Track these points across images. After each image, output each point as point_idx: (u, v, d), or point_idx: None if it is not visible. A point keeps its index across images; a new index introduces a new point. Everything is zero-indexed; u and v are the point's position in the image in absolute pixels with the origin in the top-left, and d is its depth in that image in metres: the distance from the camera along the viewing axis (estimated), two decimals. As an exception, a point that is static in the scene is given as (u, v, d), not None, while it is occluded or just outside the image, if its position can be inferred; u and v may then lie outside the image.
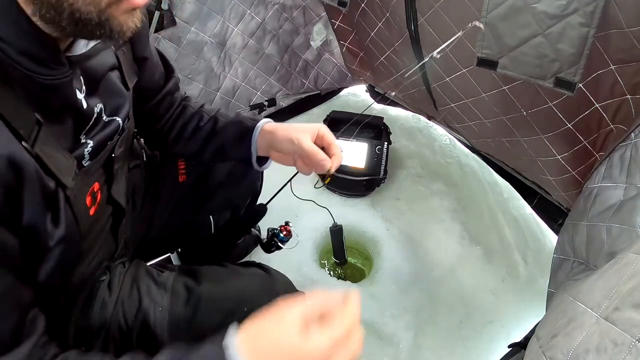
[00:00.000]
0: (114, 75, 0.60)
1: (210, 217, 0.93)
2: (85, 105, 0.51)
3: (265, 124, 0.76)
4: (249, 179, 0.94)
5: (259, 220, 0.93)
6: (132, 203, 0.79)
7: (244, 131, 0.77)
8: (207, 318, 0.65)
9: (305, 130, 0.70)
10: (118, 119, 0.60)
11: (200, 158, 0.84)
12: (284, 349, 0.41)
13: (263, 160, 0.80)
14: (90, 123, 0.54)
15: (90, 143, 0.55)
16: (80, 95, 0.50)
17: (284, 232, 0.96)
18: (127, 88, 0.62)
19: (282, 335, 0.41)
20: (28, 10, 0.39)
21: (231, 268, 0.78)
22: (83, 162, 0.54)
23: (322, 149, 0.71)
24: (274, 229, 0.97)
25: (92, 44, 0.49)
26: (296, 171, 0.77)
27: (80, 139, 0.53)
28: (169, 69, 0.78)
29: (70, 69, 0.46)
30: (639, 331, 0.41)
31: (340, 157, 0.70)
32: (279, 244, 0.96)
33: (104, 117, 0.57)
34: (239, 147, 0.78)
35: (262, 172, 0.98)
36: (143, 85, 0.70)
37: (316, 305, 0.44)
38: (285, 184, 0.82)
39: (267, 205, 0.93)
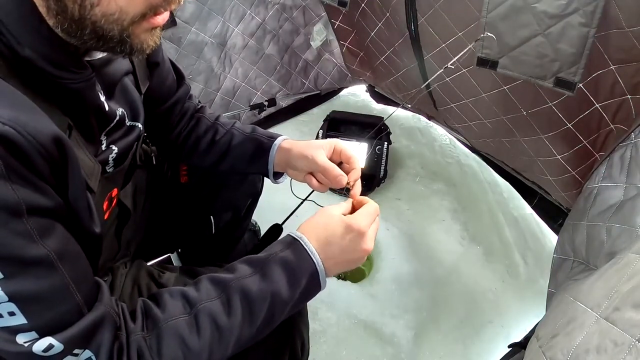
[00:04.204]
0: (129, 81, 0.61)
1: (211, 217, 0.93)
2: (107, 108, 0.52)
3: (282, 141, 0.76)
4: (250, 180, 0.94)
5: (276, 239, 0.92)
6: (134, 204, 0.79)
7: (261, 149, 0.77)
8: None
9: (319, 146, 0.70)
10: (139, 124, 0.61)
11: (216, 170, 0.84)
12: (334, 225, 0.57)
13: (278, 174, 0.80)
14: (113, 124, 0.54)
15: (115, 150, 0.55)
16: (102, 98, 0.51)
17: None
18: (140, 93, 0.63)
19: (331, 219, 0.58)
20: (50, 21, 0.40)
21: None
22: (107, 168, 0.54)
23: (340, 164, 0.71)
24: None
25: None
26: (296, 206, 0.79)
27: (102, 141, 0.54)
28: (180, 77, 0.78)
29: (92, 72, 0.47)
30: (639, 331, 0.41)
31: (359, 172, 0.69)
32: None
33: (127, 122, 0.58)
34: (255, 164, 0.78)
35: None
36: (154, 91, 0.71)
37: (344, 206, 0.61)
38: (301, 203, 0.81)
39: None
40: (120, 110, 0.56)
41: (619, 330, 0.43)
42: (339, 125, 1.64)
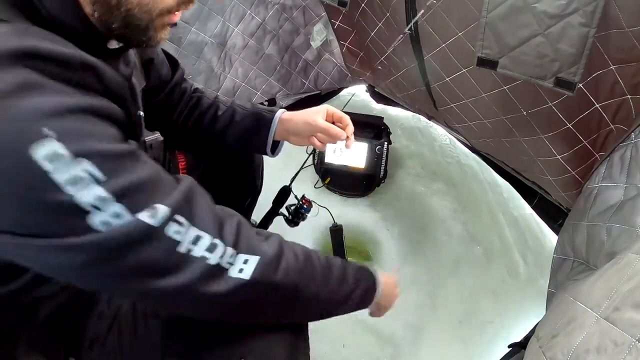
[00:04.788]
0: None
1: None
2: None
3: (282, 114, 0.84)
4: (249, 179, 0.94)
5: (285, 201, 0.97)
6: None
7: (263, 121, 0.83)
8: (204, 333, 0.63)
9: (317, 112, 0.82)
10: (142, 113, 0.63)
11: (216, 147, 0.86)
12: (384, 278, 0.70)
13: (273, 147, 0.87)
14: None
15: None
16: None
17: (306, 204, 1.00)
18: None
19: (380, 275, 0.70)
20: (86, 8, 0.43)
21: None
22: None
23: (333, 124, 0.83)
24: (296, 204, 1.00)
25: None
26: (300, 167, 0.88)
27: None
28: (173, 62, 0.80)
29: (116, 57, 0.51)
30: (639, 331, 0.41)
31: (352, 126, 0.82)
32: (305, 214, 0.99)
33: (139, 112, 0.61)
34: (256, 136, 0.84)
35: (263, 171, 0.99)
36: (152, 84, 0.73)
37: None
38: (304, 164, 0.94)
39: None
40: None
41: (619, 330, 0.43)
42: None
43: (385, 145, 1.51)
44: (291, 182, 0.94)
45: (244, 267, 0.46)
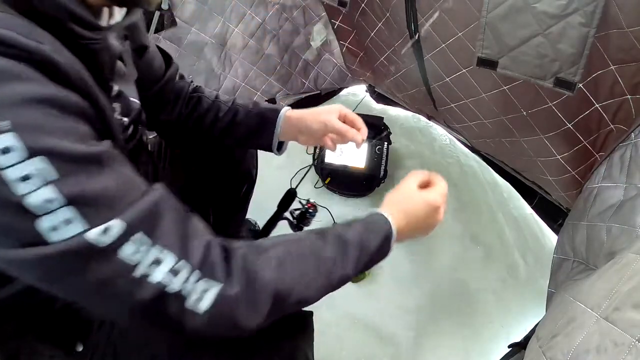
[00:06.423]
0: (121, 64, 0.60)
1: (210, 209, 0.94)
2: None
3: (287, 111, 0.80)
4: (244, 167, 0.95)
5: (291, 204, 0.96)
6: None
7: (266, 122, 0.80)
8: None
9: (330, 111, 0.78)
10: (137, 100, 0.62)
11: (218, 145, 0.85)
12: (410, 199, 0.66)
13: (278, 145, 0.85)
14: (114, 94, 0.55)
15: (126, 120, 0.57)
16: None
17: (312, 208, 0.99)
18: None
19: (407, 192, 0.67)
20: None
21: None
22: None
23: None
24: (301, 208, 0.99)
25: (112, 20, 0.49)
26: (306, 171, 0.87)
27: (115, 108, 0.54)
28: (167, 56, 0.79)
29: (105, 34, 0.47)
30: (639, 331, 0.41)
31: (365, 129, 0.79)
32: (310, 219, 0.99)
33: (130, 97, 0.60)
34: (260, 137, 0.81)
35: (257, 160, 0.99)
36: (144, 74, 0.71)
37: (419, 177, 0.69)
38: (308, 170, 0.94)
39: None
40: (116, 88, 0.56)
41: (619, 330, 0.43)
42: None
43: (385, 145, 1.51)
44: (297, 185, 0.93)
45: (202, 297, 0.40)
